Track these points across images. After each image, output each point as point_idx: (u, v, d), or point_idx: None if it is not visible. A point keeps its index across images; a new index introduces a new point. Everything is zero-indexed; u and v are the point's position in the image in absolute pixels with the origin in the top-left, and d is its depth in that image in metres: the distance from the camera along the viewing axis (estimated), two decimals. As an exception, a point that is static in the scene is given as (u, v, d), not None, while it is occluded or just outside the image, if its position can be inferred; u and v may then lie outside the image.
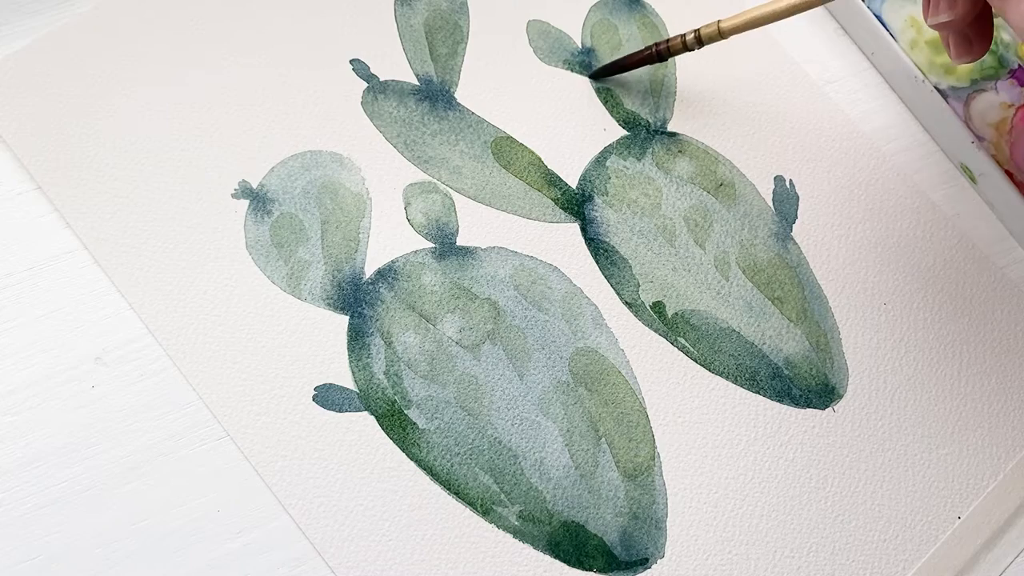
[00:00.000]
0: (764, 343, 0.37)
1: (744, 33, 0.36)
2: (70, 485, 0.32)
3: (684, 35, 0.37)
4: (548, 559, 0.33)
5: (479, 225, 0.37)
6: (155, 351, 0.34)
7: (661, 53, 0.38)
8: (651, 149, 0.40)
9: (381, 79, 0.39)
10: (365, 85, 0.39)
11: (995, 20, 0.32)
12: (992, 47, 0.42)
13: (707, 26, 0.36)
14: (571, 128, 0.40)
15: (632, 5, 0.42)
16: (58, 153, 0.36)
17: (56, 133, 0.36)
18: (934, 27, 0.33)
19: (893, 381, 0.37)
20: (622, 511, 0.34)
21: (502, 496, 0.34)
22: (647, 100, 0.41)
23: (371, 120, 0.39)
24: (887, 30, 0.42)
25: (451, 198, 0.38)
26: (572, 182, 0.39)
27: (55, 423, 0.33)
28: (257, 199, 0.37)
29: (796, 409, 0.36)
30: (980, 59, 0.34)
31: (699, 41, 0.37)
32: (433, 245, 0.37)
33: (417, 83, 0.39)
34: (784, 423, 0.36)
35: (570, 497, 0.34)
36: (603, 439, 0.35)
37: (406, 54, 0.40)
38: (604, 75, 0.40)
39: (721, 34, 0.36)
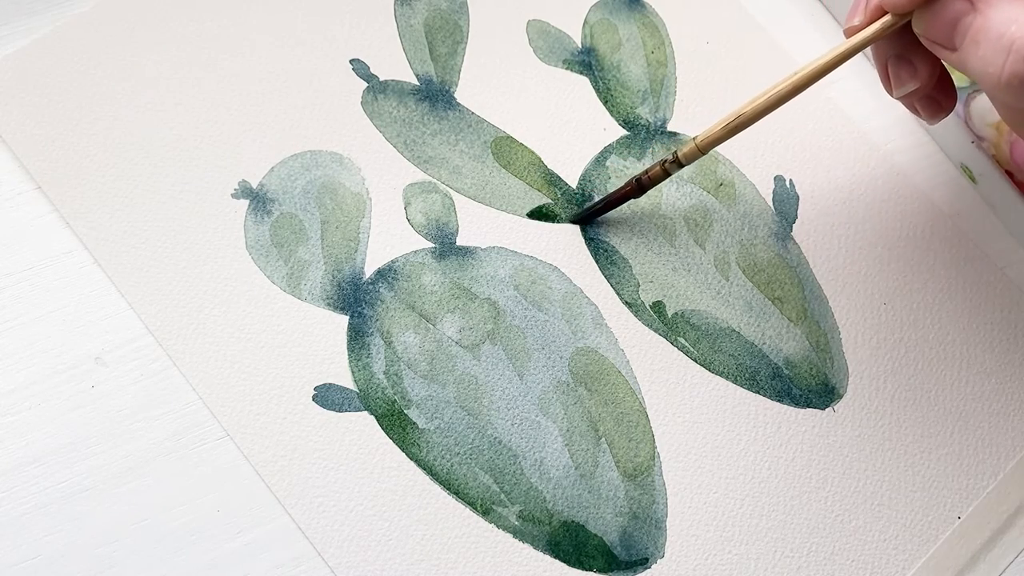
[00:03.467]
0: (764, 343, 0.37)
1: (744, 38, 0.36)
2: (70, 485, 0.32)
3: (664, 161, 0.35)
4: (548, 559, 0.33)
5: (479, 225, 0.37)
6: (155, 351, 0.34)
7: (643, 185, 0.36)
8: (651, 149, 0.40)
9: (381, 79, 0.39)
10: (365, 85, 0.39)
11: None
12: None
13: (684, 146, 0.34)
14: (571, 128, 0.40)
15: (632, 5, 0.42)
16: (58, 153, 0.36)
17: (56, 133, 0.37)
18: (901, 99, 0.33)
19: (893, 381, 0.37)
20: (622, 511, 0.34)
21: (502, 496, 0.34)
22: (647, 100, 0.41)
23: (371, 120, 0.39)
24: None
25: (451, 198, 0.38)
26: (572, 182, 0.39)
27: (55, 423, 0.33)
28: (257, 199, 0.37)
29: (796, 409, 0.36)
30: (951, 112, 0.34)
31: (678, 163, 0.35)
32: (433, 245, 0.37)
33: (417, 83, 0.39)
34: (784, 423, 0.36)
35: (570, 497, 0.34)
36: (603, 439, 0.35)
37: (406, 54, 0.40)
38: (589, 219, 0.38)
39: (700, 150, 0.34)
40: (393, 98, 0.39)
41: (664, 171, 0.35)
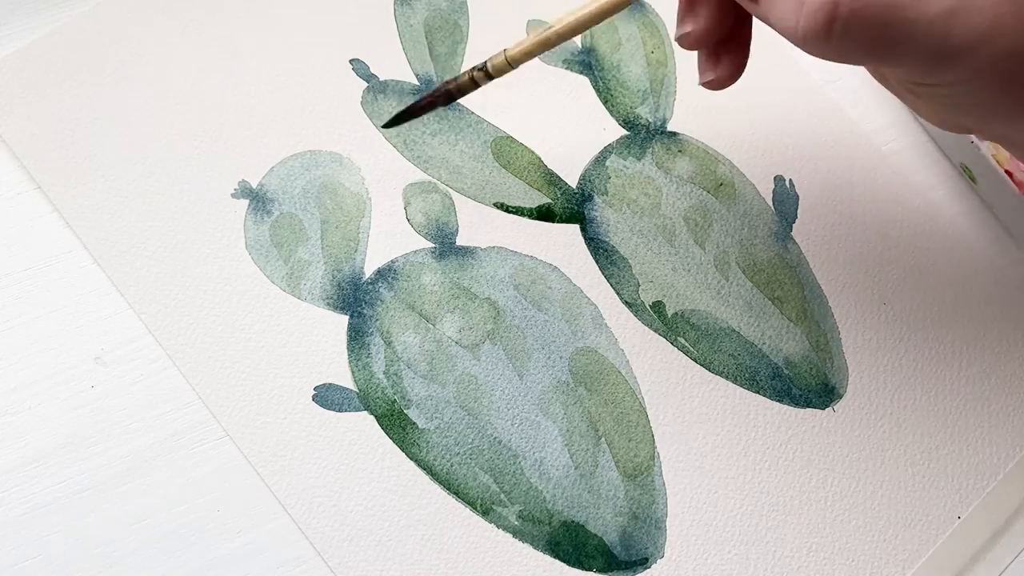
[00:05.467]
0: (764, 343, 0.37)
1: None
2: (70, 485, 0.32)
3: (473, 70, 0.33)
4: (548, 559, 0.33)
5: (479, 225, 0.37)
6: (155, 351, 0.34)
7: (452, 93, 0.34)
8: (651, 149, 0.40)
9: (381, 79, 0.39)
10: (365, 85, 0.39)
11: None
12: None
13: (494, 57, 0.33)
14: (571, 128, 0.40)
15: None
16: (58, 153, 0.36)
17: (56, 133, 0.37)
18: (680, 42, 0.31)
19: (893, 381, 0.37)
20: (622, 511, 0.34)
21: (502, 496, 0.34)
22: (647, 100, 0.41)
23: (371, 120, 0.39)
24: (887, 30, 0.42)
25: (451, 198, 0.38)
26: (572, 182, 0.39)
27: (55, 423, 0.33)
28: (257, 199, 0.37)
29: (796, 409, 0.36)
30: (730, 85, 0.32)
31: (488, 75, 0.33)
32: (433, 245, 0.37)
33: (417, 83, 0.39)
34: (784, 423, 0.36)
35: (570, 497, 0.34)
36: (603, 439, 0.35)
37: (406, 54, 0.40)
38: (396, 123, 0.37)
39: (509, 63, 0.33)
40: (393, 98, 0.39)
41: (473, 82, 0.34)
